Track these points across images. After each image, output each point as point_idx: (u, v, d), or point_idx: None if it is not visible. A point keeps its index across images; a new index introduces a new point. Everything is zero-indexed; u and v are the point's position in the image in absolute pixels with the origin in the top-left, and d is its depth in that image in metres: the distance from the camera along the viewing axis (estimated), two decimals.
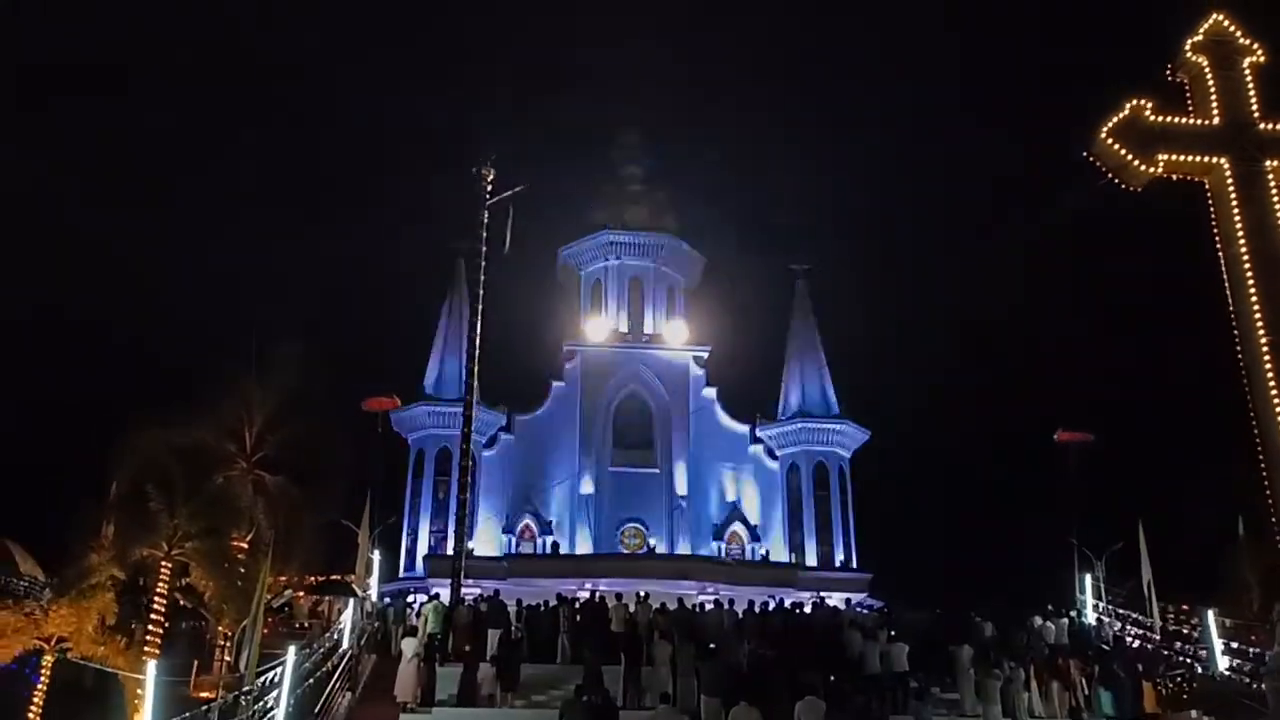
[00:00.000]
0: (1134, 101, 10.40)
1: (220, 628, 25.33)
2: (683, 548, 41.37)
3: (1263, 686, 12.87)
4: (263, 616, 17.27)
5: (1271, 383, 9.13)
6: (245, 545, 26.32)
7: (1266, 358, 9.24)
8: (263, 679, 16.53)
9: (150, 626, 23.19)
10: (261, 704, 16.14)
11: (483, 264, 31.98)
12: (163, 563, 24.51)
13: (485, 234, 32.24)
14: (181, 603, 25.79)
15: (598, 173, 50.31)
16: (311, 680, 18.34)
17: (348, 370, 33.17)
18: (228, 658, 24.35)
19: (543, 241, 45.82)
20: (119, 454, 24.75)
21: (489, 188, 32.70)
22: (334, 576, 29.80)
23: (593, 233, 48.24)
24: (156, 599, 23.73)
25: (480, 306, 31.36)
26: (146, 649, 22.37)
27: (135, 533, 24.21)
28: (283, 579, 27.94)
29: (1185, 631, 23.81)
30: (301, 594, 29.29)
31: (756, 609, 25.03)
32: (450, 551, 33.33)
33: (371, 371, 43.15)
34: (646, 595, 24.78)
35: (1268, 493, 9.01)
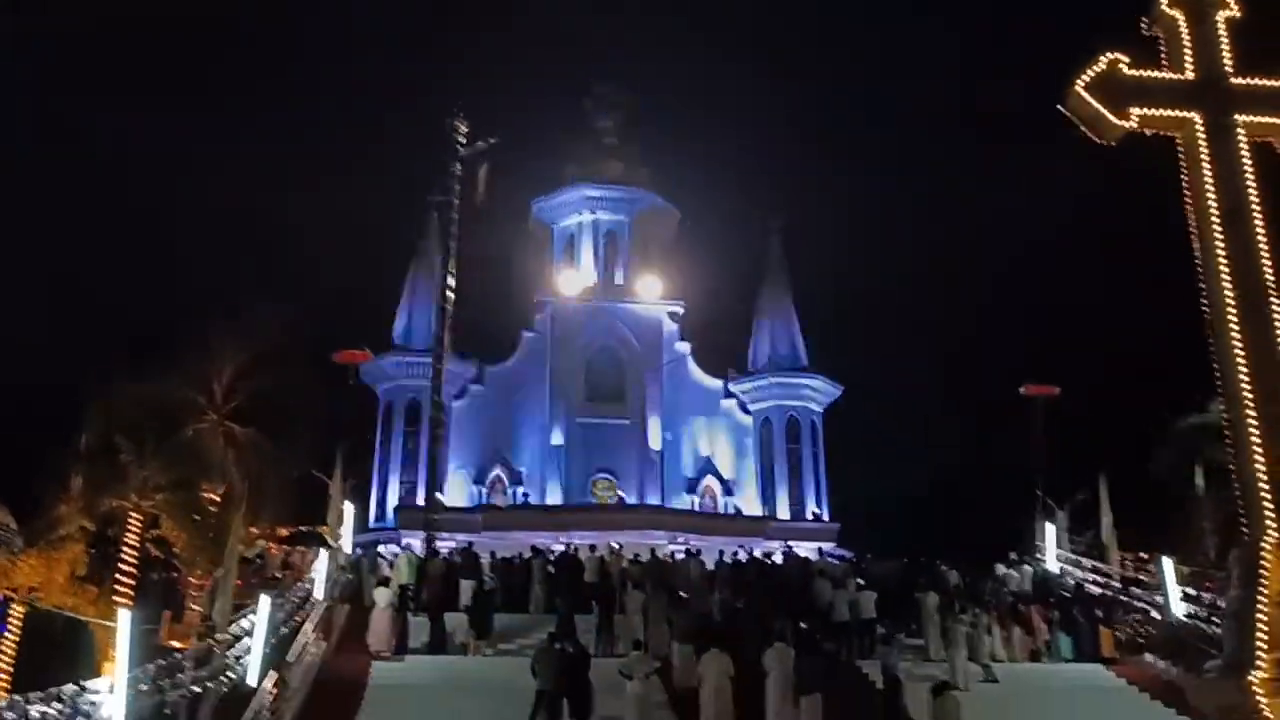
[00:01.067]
0: (1108, 55, 10.37)
1: (192, 578, 25.37)
2: (653, 499, 41.72)
3: (1217, 630, 13.29)
4: (235, 566, 17.27)
5: (1235, 336, 9.28)
6: (216, 497, 26.28)
7: (1231, 311, 9.38)
8: (236, 627, 16.58)
9: (121, 577, 23.19)
10: (235, 651, 16.21)
11: (455, 216, 31.72)
12: (132, 514, 24.45)
13: (458, 185, 31.97)
14: (153, 553, 25.78)
15: (571, 125, 49.83)
16: (285, 629, 18.41)
17: (320, 322, 32.93)
18: (200, 608, 24.39)
19: (515, 193, 45.38)
20: (88, 405, 24.56)
21: (461, 139, 32.37)
22: (306, 528, 29.84)
23: (566, 186, 47.89)
24: (127, 550, 23.71)
25: (452, 258, 31.15)
26: (118, 598, 22.38)
27: (104, 484, 24.12)
28: (254, 530, 27.96)
29: (1143, 579, 24.43)
30: (274, 545, 29.33)
31: (728, 559, 25.39)
32: (420, 503, 33.48)
33: (344, 324, 42.82)
34: (620, 546, 25.07)
35: (1227, 444, 9.22)
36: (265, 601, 17.05)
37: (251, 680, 15.69)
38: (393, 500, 40.58)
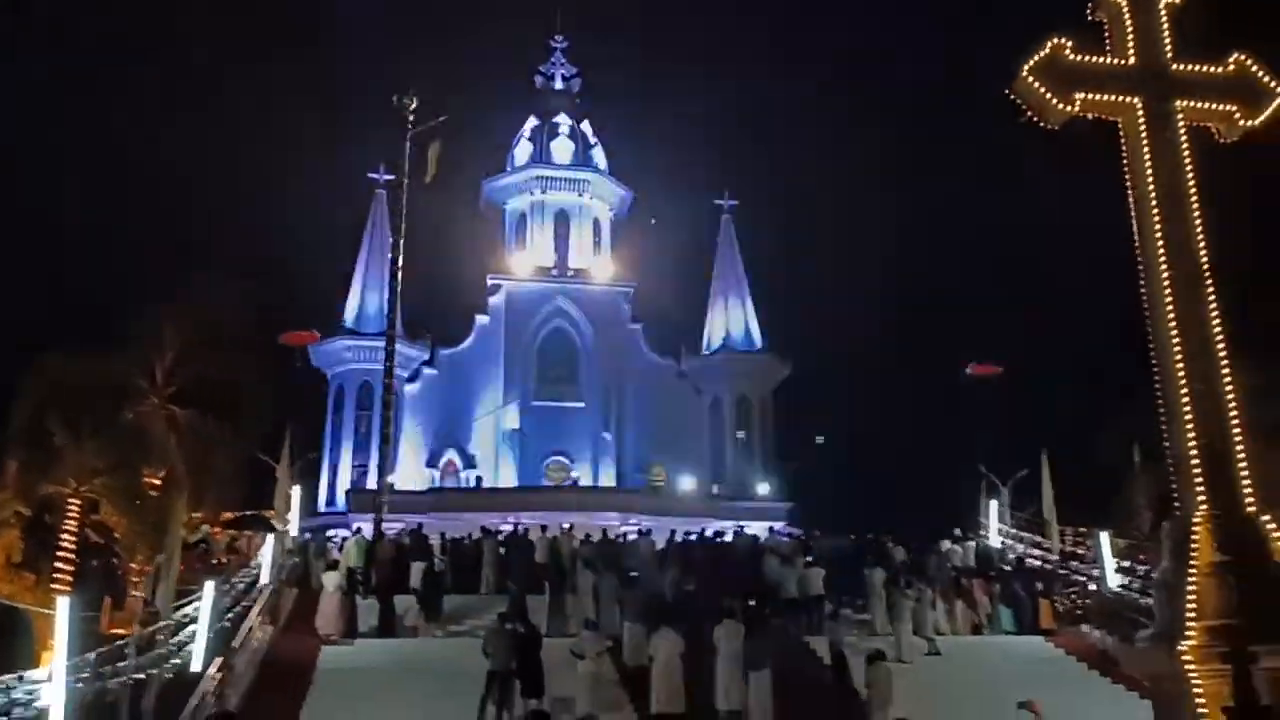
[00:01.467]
0: (1054, 40, 10.48)
1: (133, 564, 24.89)
2: (607, 480, 41.79)
3: (1149, 601, 13.69)
4: (179, 552, 16.97)
5: (1170, 318, 9.50)
6: (158, 481, 25.78)
7: (1168, 293, 9.60)
8: (180, 614, 16.31)
9: (59, 563, 22.68)
10: (179, 638, 15.95)
11: (404, 196, 31.29)
12: (70, 499, 23.90)
13: (407, 164, 31.52)
14: (92, 539, 25.23)
15: (523, 104, 49.41)
16: (231, 614, 18.16)
17: (268, 304, 32.31)
18: (142, 594, 23.96)
19: (465, 173, 44.92)
20: (20, 385, 23.88)
21: (411, 118, 31.89)
22: (252, 512, 29.42)
23: (517, 166, 47.51)
24: (65, 535, 23.18)
25: (401, 239, 30.76)
26: (56, 585, 21.90)
27: (40, 468, 23.51)
28: (198, 515, 27.49)
29: (1081, 553, 25.07)
30: (218, 529, 28.88)
31: (679, 539, 25.52)
32: (372, 486, 33.17)
33: (292, 305, 42.08)
34: (571, 527, 25.06)
35: (1162, 423, 9.46)
36: (210, 587, 16.79)
37: (196, 666, 15.46)
38: (344, 484, 40.20)
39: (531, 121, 48.47)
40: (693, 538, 25.79)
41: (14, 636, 21.41)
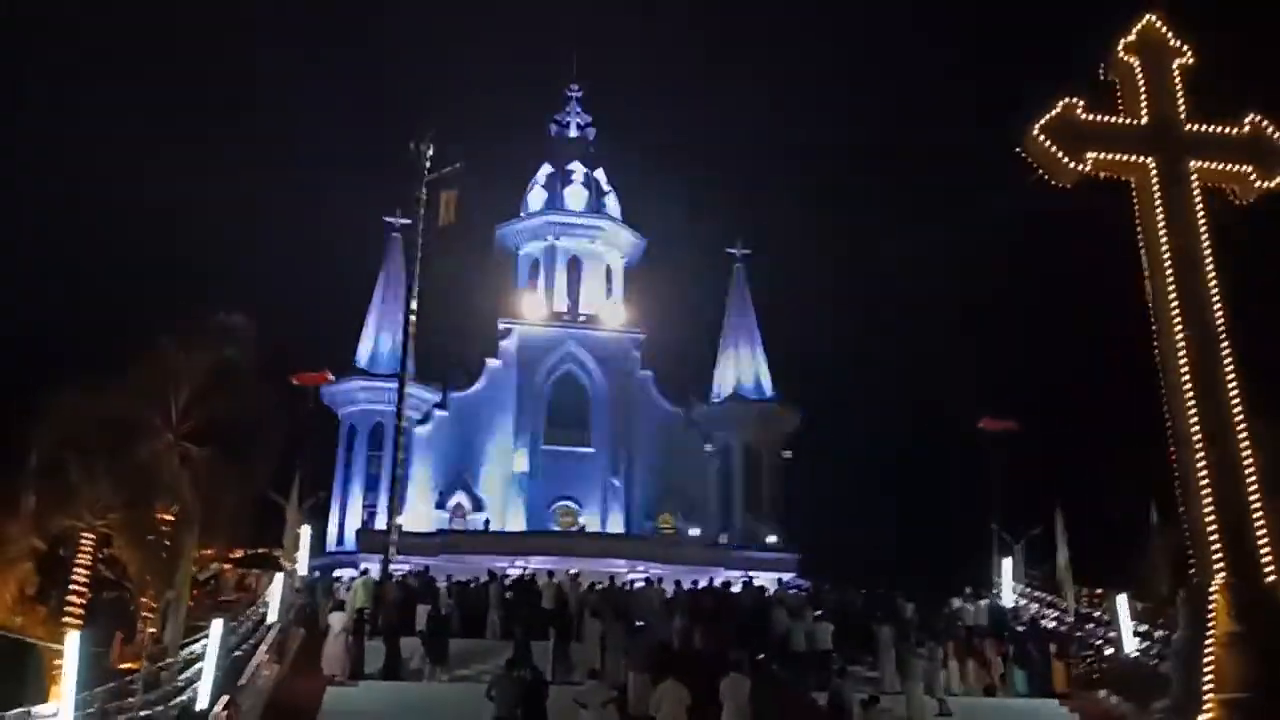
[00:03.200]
0: (1065, 99, 10.57)
1: (144, 599, 24.84)
2: (615, 527, 41.59)
3: (1167, 667, 13.46)
4: (189, 589, 16.98)
5: (1185, 376, 9.45)
6: (170, 518, 25.80)
7: (1181, 352, 9.54)
8: (188, 650, 16.28)
9: (72, 597, 22.67)
10: (187, 675, 15.89)
11: (419, 239, 31.62)
12: (84, 534, 23.94)
13: (421, 209, 31.89)
14: (104, 574, 25.23)
15: (535, 152, 50.04)
16: (238, 653, 18.09)
17: (279, 343, 32.54)
18: (152, 629, 23.88)
19: (480, 218, 45.38)
20: (37, 422, 24.05)
21: (428, 163, 32.32)
22: (261, 550, 29.37)
23: (531, 212, 48.00)
24: (78, 570, 23.19)
25: (415, 282, 31.04)
26: (67, 619, 21.85)
27: (55, 503, 23.60)
28: (208, 552, 27.45)
29: (1098, 614, 24.69)
30: (228, 567, 28.82)
31: (686, 588, 25.35)
32: (381, 527, 33.08)
33: (302, 345, 42.31)
34: (578, 573, 24.95)
35: (1177, 483, 9.33)
36: (218, 625, 16.77)
37: (202, 704, 15.39)
38: (353, 524, 40.13)
39: (546, 168, 49.06)
40: (700, 587, 25.61)
41: (24, 670, 21.32)
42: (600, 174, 49.05)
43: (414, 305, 30.93)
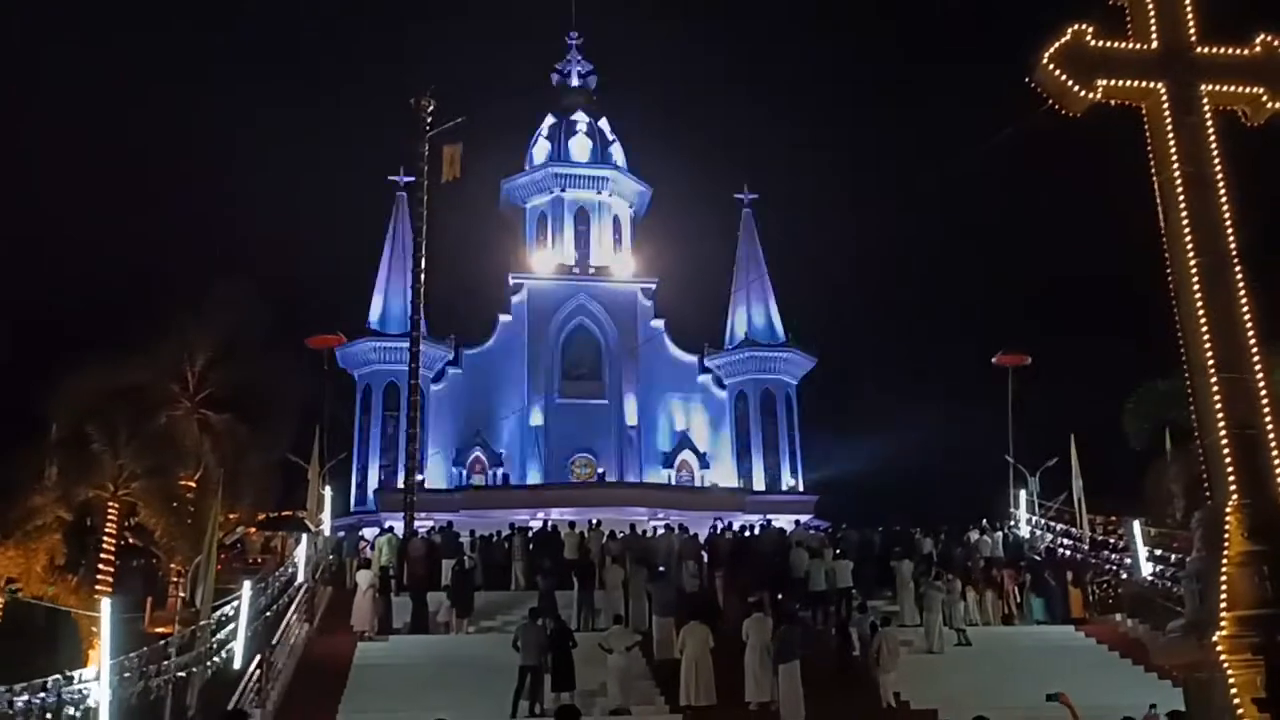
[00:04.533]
0: (1075, 26, 10.38)
1: (172, 565, 25.31)
2: (632, 476, 41.90)
3: (1181, 590, 13.60)
4: (215, 553, 17.28)
5: (1198, 302, 9.40)
6: (193, 484, 26.17)
7: (1195, 279, 9.48)
8: (219, 613, 16.62)
9: (101, 565, 23.12)
10: (219, 637, 16.25)
11: (424, 197, 31.51)
12: (109, 503, 24.32)
13: (426, 166, 31.75)
14: (131, 541, 25.69)
15: (540, 103, 49.54)
16: (268, 613, 18.45)
17: (292, 306, 32.69)
18: (182, 594, 24.36)
19: (485, 173, 45.12)
20: (58, 394, 24.33)
21: (429, 119, 32.11)
22: (285, 512, 29.79)
23: (536, 165, 47.66)
24: (105, 538, 23.62)
25: (423, 240, 30.99)
26: (98, 587, 22.32)
27: (79, 474, 23.95)
28: (234, 516, 27.87)
29: (1113, 541, 24.91)
30: (253, 530, 29.28)
31: (706, 532, 25.60)
32: (400, 485, 33.49)
33: (316, 307, 42.51)
34: (598, 522, 25.23)
35: (1191, 409, 9.36)
36: (247, 587, 17.09)
37: (237, 664, 15.75)
38: (373, 483, 40.55)
39: (549, 120, 48.57)
40: (720, 531, 25.87)
41: (58, 637, 21.84)
42: (604, 123, 48.55)
43: (422, 263, 30.94)
